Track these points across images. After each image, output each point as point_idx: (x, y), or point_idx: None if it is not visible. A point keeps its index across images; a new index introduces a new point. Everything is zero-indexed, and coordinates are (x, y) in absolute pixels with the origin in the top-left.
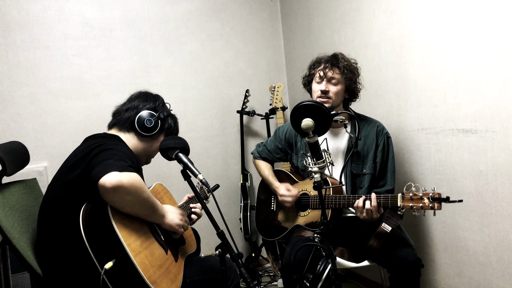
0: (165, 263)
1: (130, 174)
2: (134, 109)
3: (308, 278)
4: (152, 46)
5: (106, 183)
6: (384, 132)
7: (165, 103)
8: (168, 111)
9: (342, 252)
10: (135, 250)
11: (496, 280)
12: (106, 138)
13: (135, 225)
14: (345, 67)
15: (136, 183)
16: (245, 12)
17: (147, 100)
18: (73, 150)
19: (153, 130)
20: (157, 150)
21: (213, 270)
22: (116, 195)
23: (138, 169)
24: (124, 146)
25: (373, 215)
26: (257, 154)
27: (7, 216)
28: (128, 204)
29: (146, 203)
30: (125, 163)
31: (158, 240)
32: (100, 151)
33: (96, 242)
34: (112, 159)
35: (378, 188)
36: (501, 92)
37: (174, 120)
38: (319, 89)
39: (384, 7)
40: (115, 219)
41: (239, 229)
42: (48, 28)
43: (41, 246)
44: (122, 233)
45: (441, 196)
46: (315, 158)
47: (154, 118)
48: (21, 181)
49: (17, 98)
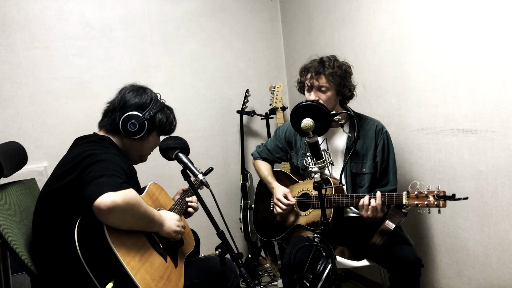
0: (165, 272)
1: (124, 192)
2: (119, 111)
3: (308, 278)
4: (152, 46)
5: (101, 206)
6: (384, 131)
7: (154, 97)
8: (157, 107)
9: (342, 251)
10: (135, 267)
11: (496, 280)
12: (96, 144)
13: (133, 239)
14: (331, 74)
15: (132, 201)
16: (245, 12)
17: (135, 97)
18: (63, 155)
19: (139, 133)
20: (150, 150)
21: (212, 271)
22: (112, 216)
23: (131, 175)
24: (115, 154)
25: (378, 213)
26: (257, 155)
27: (5, 217)
28: (125, 223)
29: (143, 217)
30: (119, 180)
31: (156, 249)
32: (91, 162)
33: (94, 261)
34: (104, 176)
35: (380, 187)
36: (501, 92)
37: (166, 115)
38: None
39: (384, 7)
40: (111, 238)
41: (239, 229)
42: (48, 28)
43: (37, 251)
44: (120, 252)
45: (446, 193)
46: (315, 158)
47: (139, 120)
48: (19, 182)
49: (17, 98)
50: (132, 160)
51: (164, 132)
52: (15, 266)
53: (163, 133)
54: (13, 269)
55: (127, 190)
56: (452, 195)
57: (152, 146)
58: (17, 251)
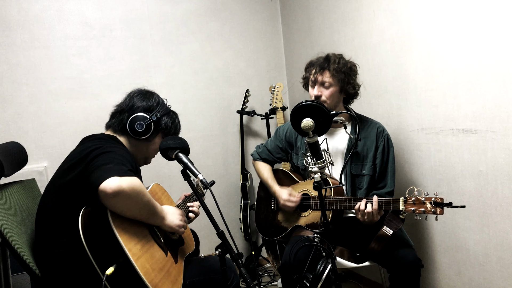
0: (165, 265)
1: (130, 178)
2: (127, 112)
3: (308, 278)
4: (152, 46)
5: (107, 189)
6: (385, 133)
7: (161, 101)
8: (164, 110)
9: (342, 252)
10: (136, 254)
11: (496, 280)
12: (104, 140)
13: (135, 228)
14: (336, 70)
15: (137, 188)
16: (245, 12)
17: (143, 100)
18: (71, 151)
19: (145, 134)
20: (154, 152)
21: (212, 270)
22: (117, 200)
23: (137, 171)
24: (122, 149)
25: (374, 218)
26: (257, 156)
27: (6, 217)
28: (129, 209)
29: (146, 206)
30: (125, 167)
31: (158, 242)
32: (98, 154)
33: (96, 247)
34: (111, 163)
35: (378, 189)
36: (501, 92)
37: (171, 118)
38: (313, 94)
39: (384, 7)
40: (115, 224)
41: (239, 229)
42: (48, 28)
43: (39, 248)
44: (123, 238)
45: (443, 201)
46: (315, 158)
47: (146, 122)
48: (19, 182)
49: (17, 98)
50: (137, 162)
51: (169, 135)
52: (15, 266)
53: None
54: (13, 269)
55: (133, 177)
56: (449, 202)
57: (157, 148)
58: (18, 251)
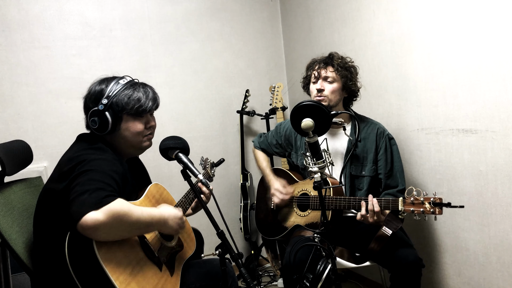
0: (158, 283)
1: (108, 207)
2: (85, 113)
3: (308, 278)
4: (152, 46)
5: (84, 227)
6: (385, 134)
7: (111, 84)
8: (114, 91)
9: (341, 252)
10: (125, 281)
11: (496, 280)
12: (89, 146)
13: (125, 249)
14: (339, 65)
15: (118, 213)
16: (245, 12)
17: (91, 95)
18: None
19: (106, 126)
20: (136, 136)
21: (210, 276)
22: (99, 233)
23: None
24: (103, 159)
25: (381, 217)
26: (257, 144)
27: (5, 216)
28: (116, 234)
29: (136, 225)
30: (103, 193)
31: (151, 258)
32: (79, 172)
33: (83, 276)
34: (87, 192)
35: (390, 189)
36: (501, 92)
37: (127, 94)
38: (315, 88)
39: (384, 7)
40: (100, 252)
41: (239, 229)
42: (48, 28)
43: (36, 249)
44: (109, 266)
45: (442, 201)
46: (315, 158)
47: (97, 114)
48: (24, 180)
49: (17, 98)
50: (128, 154)
51: (137, 112)
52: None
53: (137, 114)
54: (13, 269)
55: (111, 204)
56: (448, 203)
57: (136, 130)
58: (16, 250)
